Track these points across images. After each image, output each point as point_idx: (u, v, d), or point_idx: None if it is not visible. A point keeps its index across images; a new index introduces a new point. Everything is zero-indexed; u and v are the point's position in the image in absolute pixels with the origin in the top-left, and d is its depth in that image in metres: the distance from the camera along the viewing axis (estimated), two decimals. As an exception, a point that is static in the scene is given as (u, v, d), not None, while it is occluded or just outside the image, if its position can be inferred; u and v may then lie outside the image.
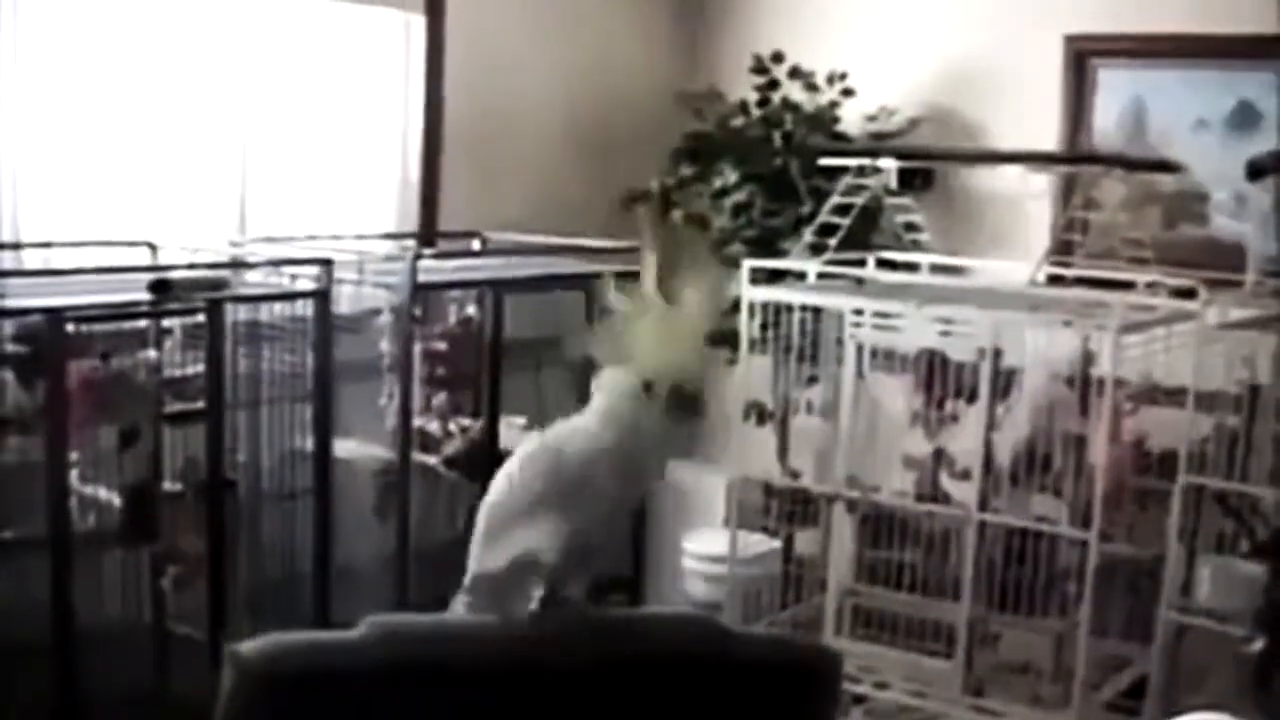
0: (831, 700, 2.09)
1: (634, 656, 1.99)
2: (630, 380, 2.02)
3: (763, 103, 4.99)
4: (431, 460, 4.02)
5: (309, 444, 3.69)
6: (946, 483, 3.66)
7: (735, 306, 3.68)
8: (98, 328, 3.25)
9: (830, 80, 4.97)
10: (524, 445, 2.14)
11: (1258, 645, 2.75)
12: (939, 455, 3.68)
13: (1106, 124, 4.71)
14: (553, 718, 1.91)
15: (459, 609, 2.11)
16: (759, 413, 4.22)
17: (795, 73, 4.98)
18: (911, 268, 4.07)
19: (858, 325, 3.79)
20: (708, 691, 1.98)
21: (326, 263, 3.65)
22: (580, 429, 2.07)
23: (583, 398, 4.31)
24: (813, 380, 4.03)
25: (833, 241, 3.90)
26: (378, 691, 1.86)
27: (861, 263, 4.00)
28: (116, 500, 3.31)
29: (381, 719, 1.85)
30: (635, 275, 2.07)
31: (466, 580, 2.10)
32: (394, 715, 1.85)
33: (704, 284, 2.05)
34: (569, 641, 2.00)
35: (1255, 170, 3.61)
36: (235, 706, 1.84)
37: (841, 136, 4.90)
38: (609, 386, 2.05)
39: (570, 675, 1.94)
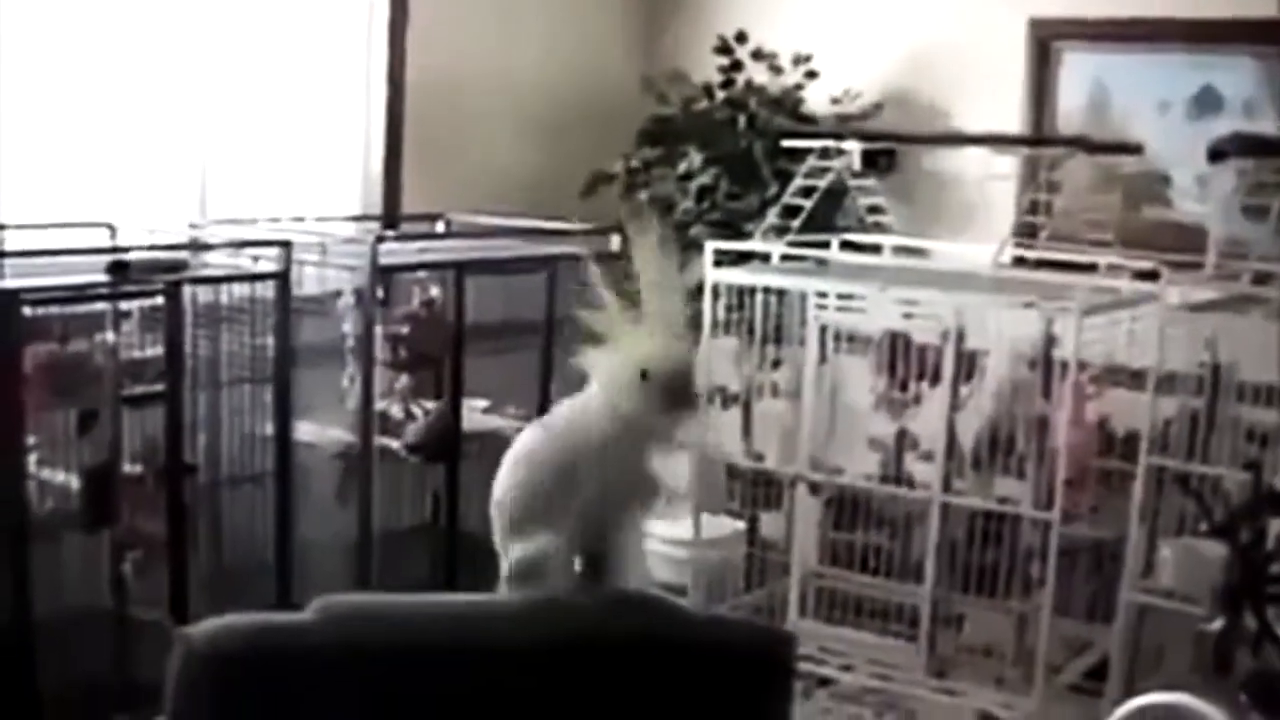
0: (787, 682, 2.09)
1: (586, 637, 1.98)
2: (627, 371, 2.01)
3: (726, 84, 4.97)
4: (394, 443, 4.01)
5: (270, 427, 3.67)
6: (910, 464, 3.66)
7: (699, 290, 3.67)
8: (55, 310, 3.22)
9: (794, 62, 4.96)
10: (527, 439, 2.13)
11: (1217, 625, 2.75)
12: (903, 437, 3.67)
13: (1070, 106, 4.72)
14: (505, 698, 1.90)
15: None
16: (723, 396, 4.21)
17: (759, 54, 4.97)
18: (875, 250, 4.07)
19: (822, 307, 3.78)
20: (662, 673, 1.97)
21: (287, 244, 3.62)
22: (582, 420, 2.07)
23: (546, 380, 4.26)
24: (777, 363, 4.02)
25: (796, 224, 3.90)
26: (327, 672, 1.85)
27: (825, 245, 4.00)
28: (75, 484, 3.29)
29: (331, 699, 1.83)
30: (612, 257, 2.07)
31: (503, 573, 2.11)
32: (344, 696, 1.83)
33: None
34: (521, 622, 1.99)
35: (1216, 153, 3.61)
36: (183, 688, 1.83)
37: (806, 119, 4.89)
38: (605, 379, 2.04)
39: (523, 655, 1.93)
